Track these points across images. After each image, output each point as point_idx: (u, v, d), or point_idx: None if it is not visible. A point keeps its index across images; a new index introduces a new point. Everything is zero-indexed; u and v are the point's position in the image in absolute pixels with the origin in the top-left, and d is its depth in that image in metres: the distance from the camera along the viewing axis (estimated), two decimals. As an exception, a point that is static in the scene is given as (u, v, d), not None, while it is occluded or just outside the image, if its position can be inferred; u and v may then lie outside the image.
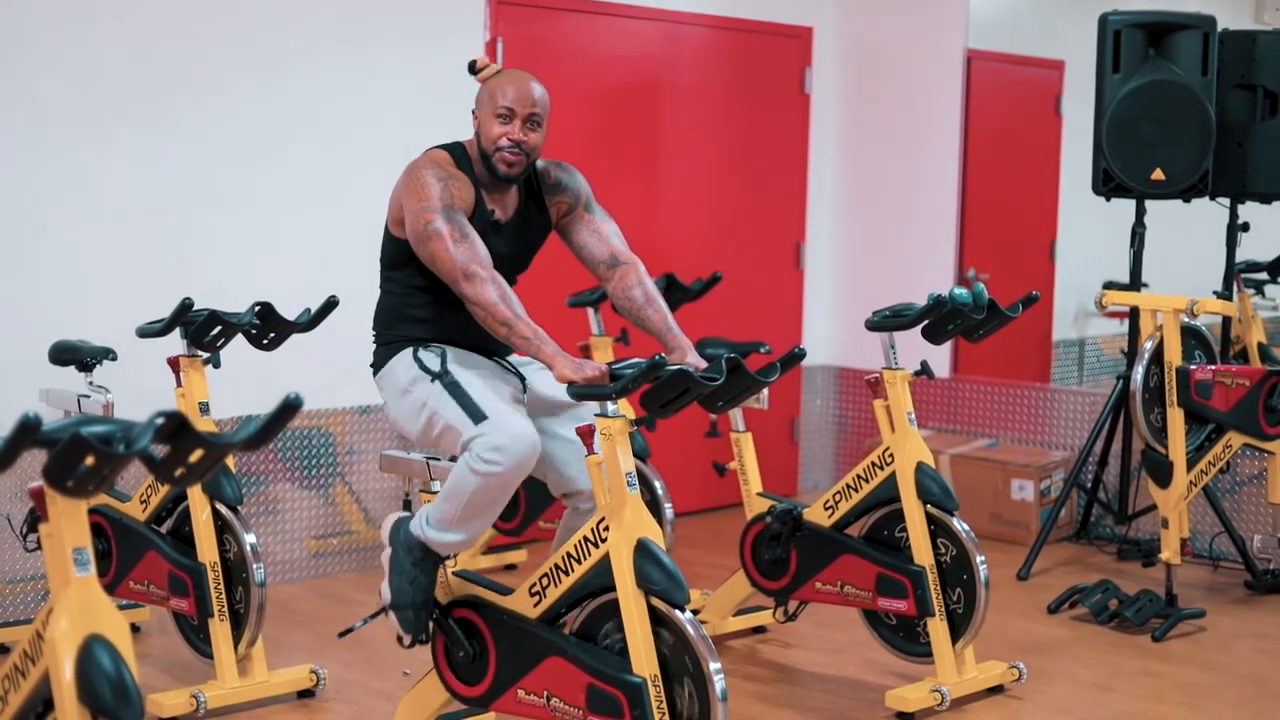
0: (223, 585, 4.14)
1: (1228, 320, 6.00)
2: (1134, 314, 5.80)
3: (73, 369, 4.46)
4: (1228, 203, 5.78)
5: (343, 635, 4.06)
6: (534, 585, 3.50)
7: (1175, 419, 5.03)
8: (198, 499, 4.14)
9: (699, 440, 5.17)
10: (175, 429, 2.17)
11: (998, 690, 4.39)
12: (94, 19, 4.87)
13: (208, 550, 4.13)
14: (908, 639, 4.39)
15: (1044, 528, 5.81)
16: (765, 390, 4.05)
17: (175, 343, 4.26)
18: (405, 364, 3.59)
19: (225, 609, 4.13)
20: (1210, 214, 5.85)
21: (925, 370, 4.33)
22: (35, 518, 2.26)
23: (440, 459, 3.71)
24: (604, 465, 3.34)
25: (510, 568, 5.69)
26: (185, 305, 4.17)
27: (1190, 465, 5.05)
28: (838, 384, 7.18)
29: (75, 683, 2.19)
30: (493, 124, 3.55)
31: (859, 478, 4.39)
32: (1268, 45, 5.60)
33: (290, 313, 4.36)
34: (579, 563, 3.40)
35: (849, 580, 4.37)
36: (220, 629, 4.12)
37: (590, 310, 5.42)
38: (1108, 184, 5.69)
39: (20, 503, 4.67)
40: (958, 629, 4.24)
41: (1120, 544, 5.99)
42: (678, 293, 5.40)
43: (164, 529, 4.33)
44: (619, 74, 6.27)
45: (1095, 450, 5.90)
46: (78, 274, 4.90)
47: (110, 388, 4.39)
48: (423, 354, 3.58)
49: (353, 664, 4.54)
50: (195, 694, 4.05)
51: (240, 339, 4.31)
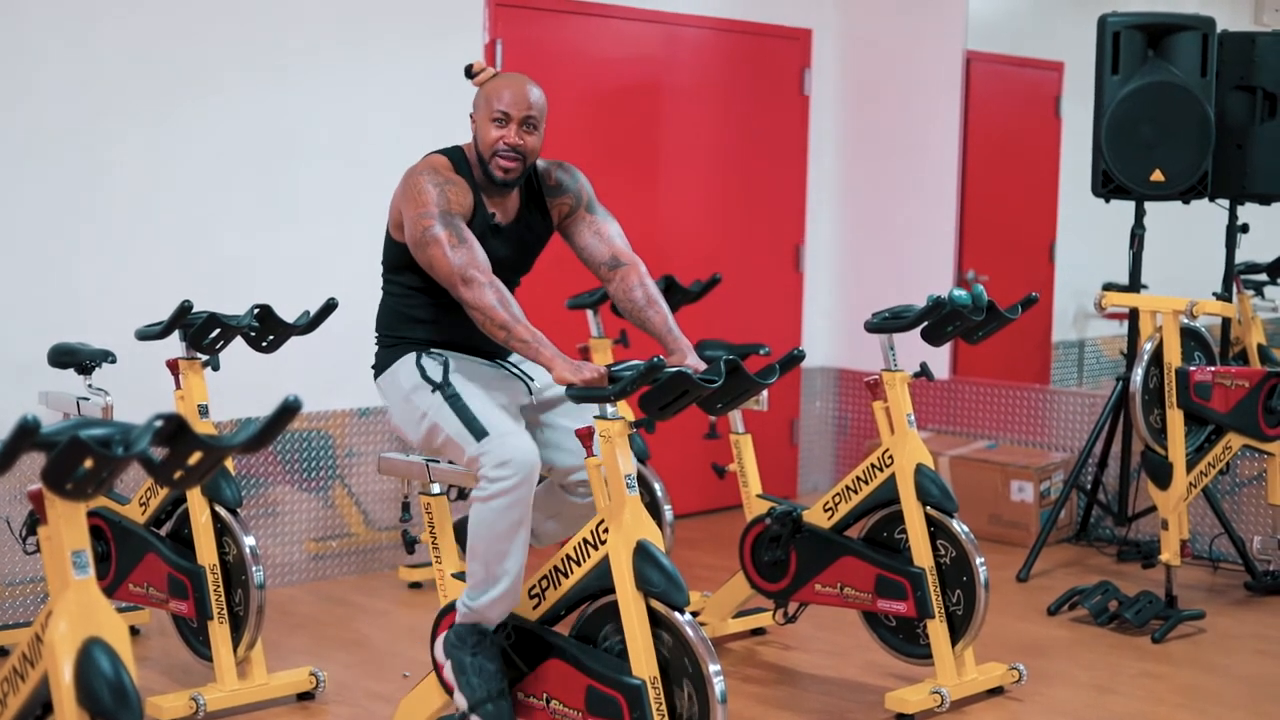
0: (222, 588, 4.13)
1: (1227, 322, 6.00)
2: (1133, 315, 5.80)
3: (72, 371, 4.45)
4: (1227, 204, 5.78)
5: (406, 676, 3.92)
6: (533, 588, 3.50)
7: (1175, 420, 5.03)
8: (197, 501, 4.14)
9: (698, 442, 5.17)
10: (174, 431, 2.17)
11: (997, 692, 4.39)
12: (93, 21, 4.87)
13: (207, 553, 4.13)
14: (907, 641, 4.39)
15: (1044, 529, 5.81)
16: (765, 392, 4.05)
17: (174, 345, 4.26)
18: (408, 370, 3.58)
19: (225, 611, 4.13)
20: (1209, 215, 5.85)
21: (925, 372, 4.33)
22: (34, 520, 2.26)
23: (440, 461, 3.71)
24: (603, 467, 3.34)
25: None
26: (184, 308, 4.16)
27: (1190, 467, 5.05)
28: (837, 386, 7.18)
29: (74, 685, 2.19)
30: (489, 128, 3.54)
31: (858, 479, 4.38)
32: (1267, 46, 5.60)
33: (289, 315, 4.35)
34: (578, 565, 3.40)
35: (849, 582, 4.37)
36: (220, 631, 4.12)
37: (589, 312, 5.42)
38: (1107, 185, 5.69)
39: (19, 505, 4.67)
40: (957, 631, 4.24)
41: (1120, 545, 5.99)
42: (677, 294, 5.40)
43: (163, 531, 4.33)
44: (618, 76, 6.27)
45: (1095, 452, 5.90)
46: (77, 276, 4.90)
47: (109, 390, 4.38)
48: (425, 361, 3.57)
49: (352, 666, 4.54)
50: (195, 697, 4.05)
51: (239, 341, 4.31)
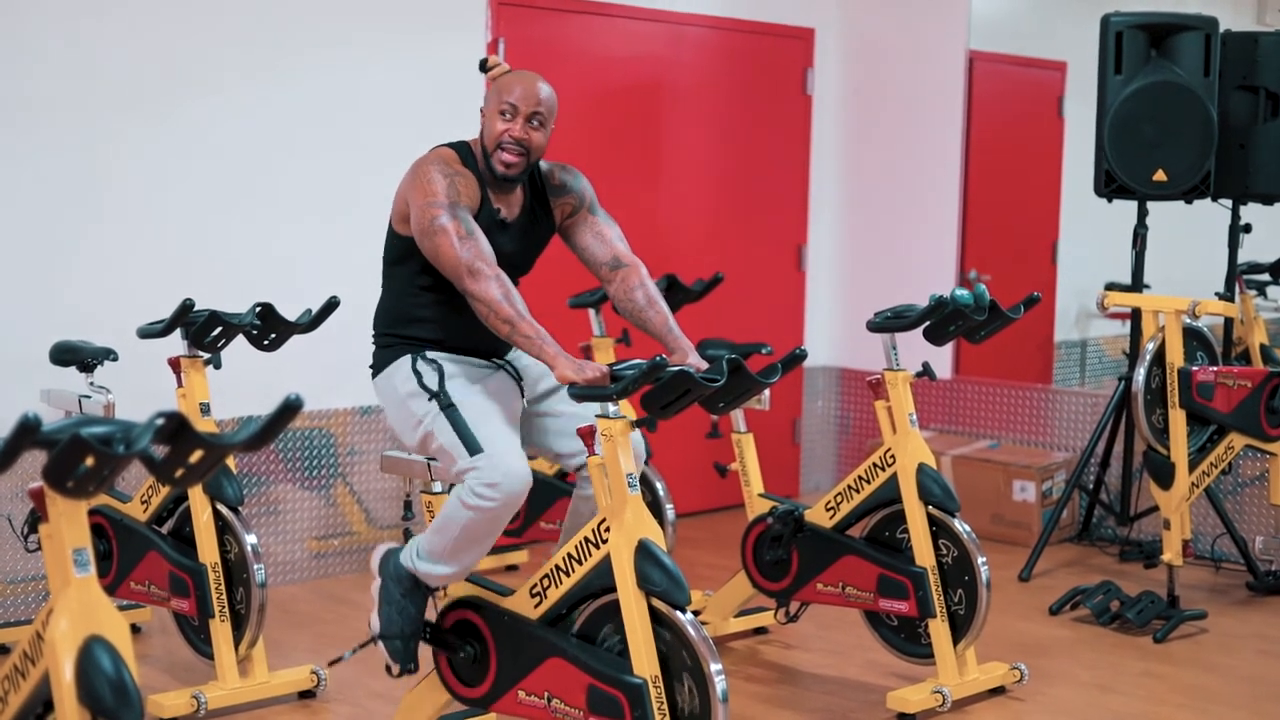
0: (223, 586, 4.14)
1: (1230, 321, 5.99)
2: (1136, 315, 5.80)
3: (74, 369, 4.46)
4: (1230, 204, 5.77)
5: (332, 664, 4.03)
6: (535, 586, 3.50)
7: (1177, 420, 5.03)
8: (199, 500, 4.14)
9: (700, 441, 5.17)
10: (175, 429, 2.17)
11: (999, 691, 4.38)
12: (93, 19, 4.87)
13: (209, 551, 4.13)
14: (909, 640, 4.38)
15: (1046, 529, 5.81)
16: (767, 391, 4.05)
17: (176, 343, 4.26)
18: (404, 375, 3.57)
19: (226, 610, 4.13)
20: (1212, 215, 5.85)
21: (927, 371, 4.32)
22: (36, 518, 2.25)
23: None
24: (605, 466, 3.34)
25: (511, 568, 5.68)
26: (186, 306, 4.16)
27: (1192, 467, 5.05)
28: (839, 385, 7.18)
29: (75, 683, 2.19)
30: (495, 120, 3.54)
31: (860, 479, 4.38)
32: (1269, 46, 5.59)
33: (291, 313, 4.36)
34: (580, 564, 3.39)
35: (850, 581, 4.37)
36: (221, 630, 4.12)
37: (591, 311, 5.42)
38: (1110, 185, 5.69)
39: (21, 503, 4.67)
40: (959, 630, 4.23)
41: (1122, 545, 5.98)
42: (679, 294, 5.39)
43: (165, 529, 4.33)
44: (621, 75, 6.27)
45: (1097, 451, 5.90)
46: (79, 274, 4.90)
47: (111, 388, 4.39)
48: (421, 366, 3.55)
49: (353, 665, 4.53)
50: (196, 695, 4.05)
51: (241, 340, 4.31)
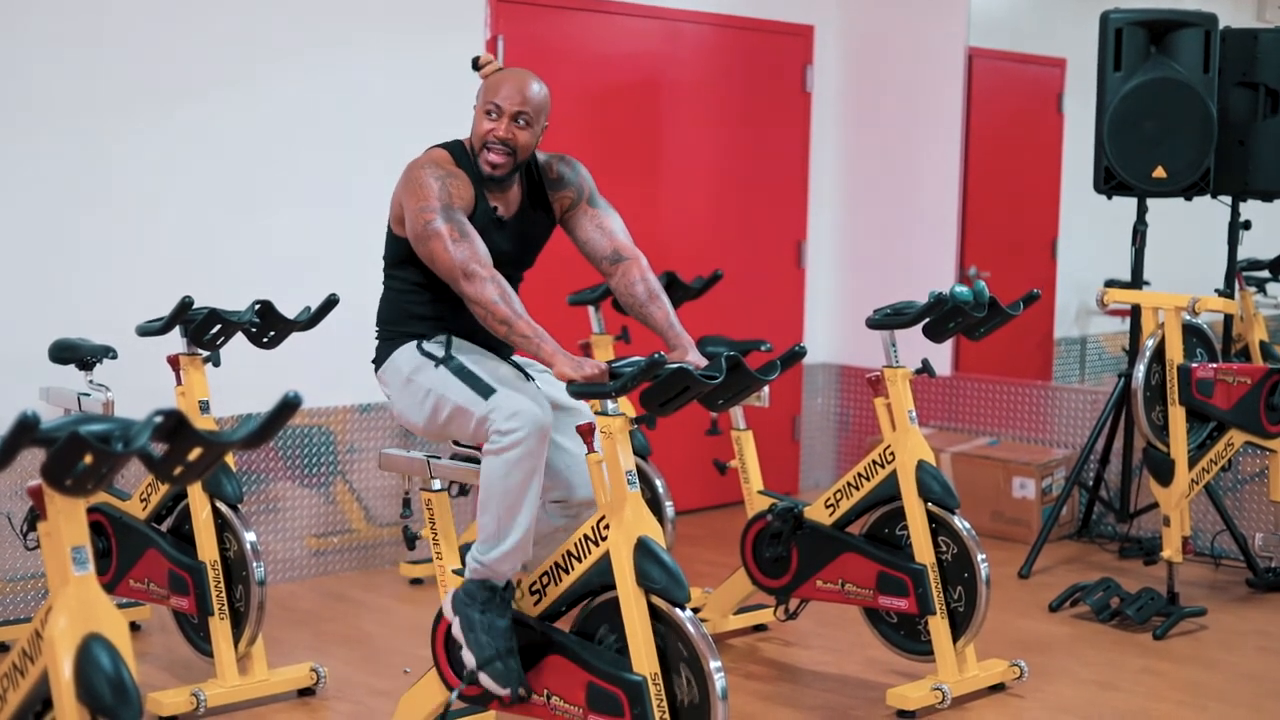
0: (223, 583, 4.13)
1: (1229, 318, 5.99)
2: (1135, 312, 5.79)
3: (73, 367, 4.45)
4: (1229, 200, 5.77)
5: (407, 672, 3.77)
6: (534, 584, 3.50)
7: (1177, 417, 5.03)
8: (198, 497, 4.14)
9: (700, 438, 5.16)
10: (174, 427, 2.17)
11: (999, 688, 4.38)
12: (94, 18, 4.86)
13: (208, 548, 4.13)
14: (909, 637, 4.38)
15: (1045, 526, 5.80)
16: (766, 388, 4.05)
17: (175, 341, 4.26)
18: (408, 354, 3.58)
19: (225, 607, 4.13)
20: (1212, 212, 5.84)
21: (926, 368, 4.32)
22: (35, 516, 2.25)
23: (441, 457, 3.71)
24: (604, 463, 3.33)
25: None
26: (185, 303, 4.16)
27: (1192, 463, 5.05)
28: (839, 382, 7.17)
29: (74, 681, 2.19)
30: (481, 120, 3.54)
31: (860, 476, 4.38)
32: (1269, 43, 5.59)
33: (290, 311, 4.35)
34: (579, 561, 3.39)
35: (850, 578, 4.37)
36: (220, 627, 4.12)
37: (590, 308, 5.42)
38: (1109, 182, 5.68)
39: (20, 501, 4.67)
40: (959, 627, 4.23)
41: (1122, 542, 5.98)
42: (678, 291, 5.39)
43: (164, 527, 4.33)
44: (620, 72, 6.27)
45: (1097, 448, 5.90)
46: (78, 272, 4.90)
47: (110, 386, 4.39)
48: (426, 345, 3.58)
49: (353, 662, 4.54)
50: (195, 692, 4.05)
51: (240, 337, 4.31)
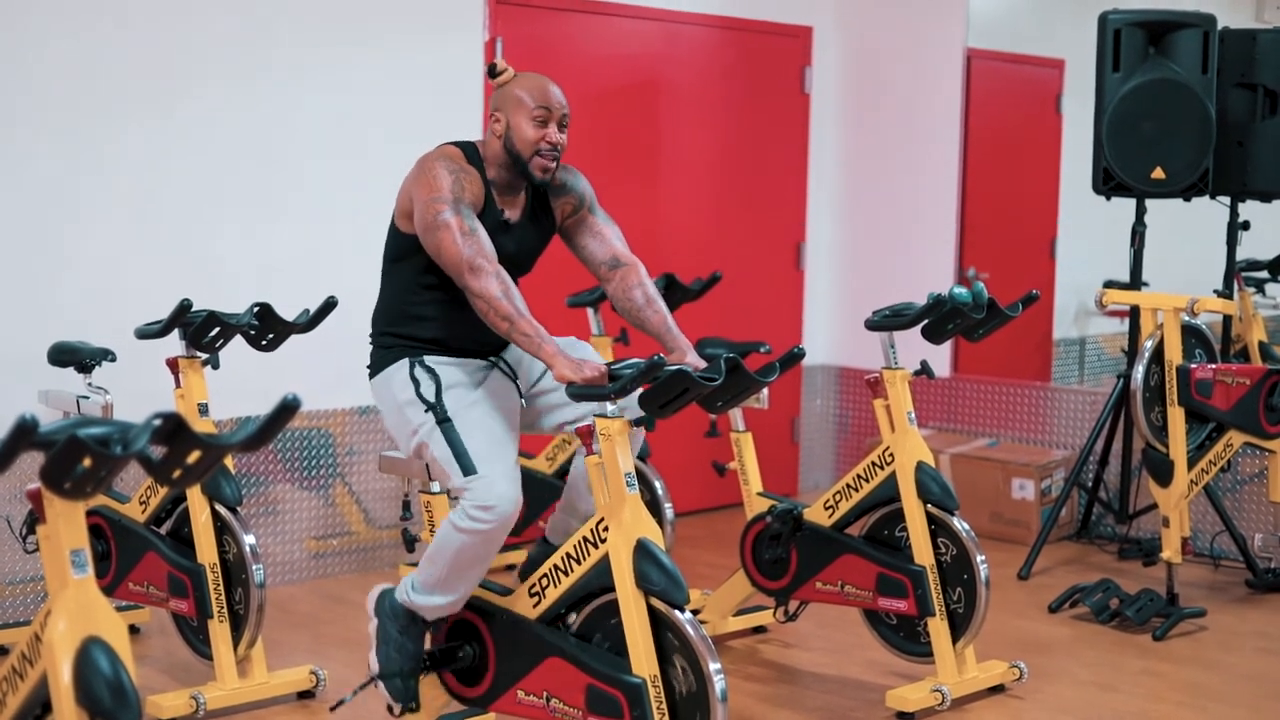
0: (222, 586, 4.13)
1: (1228, 319, 5.99)
2: (1134, 313, 5.79)
3: (72, 370, 4.45)
4: (1228, 201, 5.77)
5: (334, 709, 3.85)
6: (533, 586, 3.50)
7: (1176, 418, 5.03)
8: (197, 500, 4.14)
9: (699, 440, 5.17)
10: (173, 430, 2.17)
11: (999, 690, 4.38)
12: (92, 18, 4.86)
13: (207, 551, 4.13)
14: (908, 639, 4.38)
15: (1045, 527, 5.80)
16: (765, 390, 4.04)
17: (174, 344, 4.26)
18: (401, 381, 3.55)
19: (225, 610, 4.13)
20: (1211, 212, 5.84)
21: (925, 370, 4.32)
22: (34, 519, 2.25)
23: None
24: (603, 465, 3.33)
25: (510, 568, 5.68)
26: (184, 306, 4.16)
27: (1191, 464, 5.05)
28: (838, 384, 7.17)
29: (73, 685, 2.19)
30: (528, 127, 3.54)
31: (859, 477, 4.38)
32: (1268, 44, 5.59)
33: (289, 314, 4.35)
34: (578, 563, 3.39)
35: (849, 580, 4.37)
36: (220, 630, 4.12)
37: (590, 310, 5.42)
38: (1108, 183, 5.68)
39: (19, 504, 4.66)
40: (958, 629, 4.23)
41: (1121, 543, 5.98)
42: (677, 293, 5.39)
43: (163, 530, 4.33)
44: (619, 74, 6.27)
45: (1096, 449, 5.90)
46: (76, 275, 4.90)
47: (109, 389, 4.38)
48: (419, 373, 3.53)
49: (353, 665, 4.53)
50: (195, 695, 4.05)
51: (239, 340, 4.30)
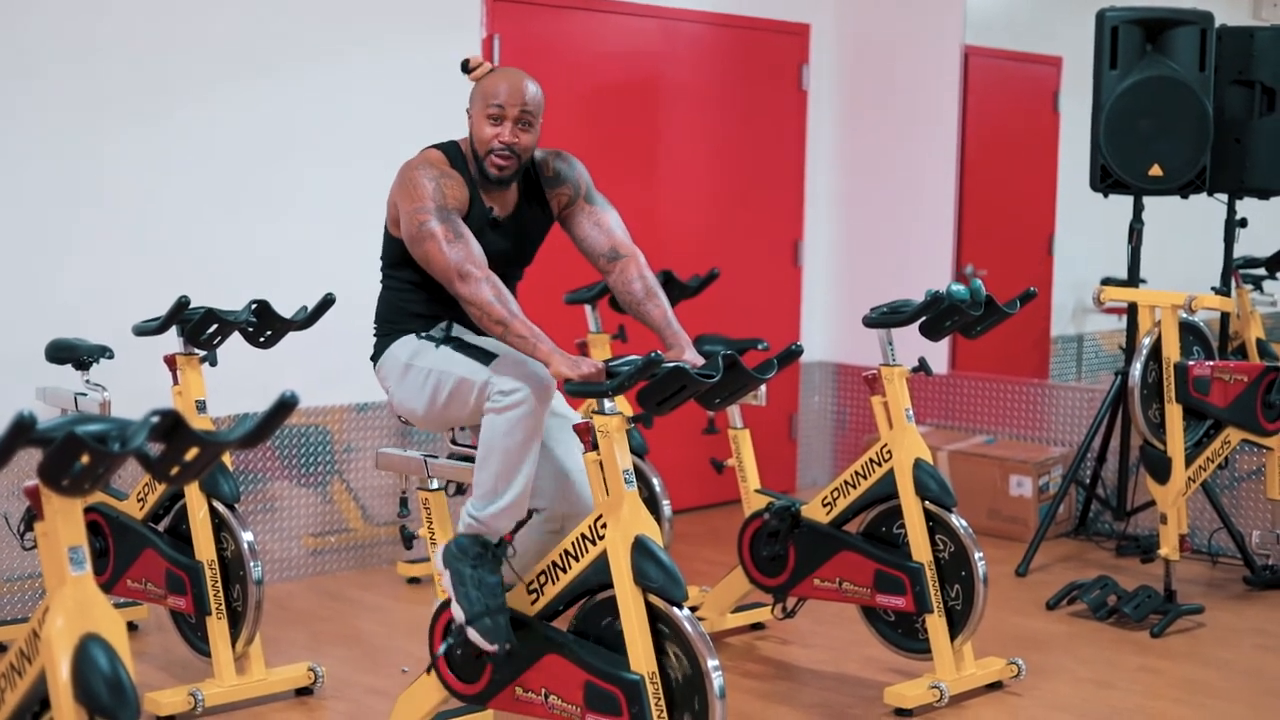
0: (220, 583, 4.13)
1: (1226, 316, 5.99)
2: (1132, 310, 5.79)
3: (69, 367, 4.45)
4: (1225, 198, 5.77)
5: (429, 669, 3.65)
6: (532, 582, 3.50)
7: (1174, 415, 5.03)
8: (195, 497, 4.13)
9: (697, 437, 5.16)
10: (170, 427, 2.17)
11: (996, 687, 4.38)
12: (91, 17, 4.86)
13: (205, 548, 4.12)
14: (906, 635, 4.38)
15: (1042, 524, 5.81)
16: (763, 387, 4.05)
17: (172, 341, 4.26)
18: (407, 342, 3.60)
19: (223, 607, 4.13)
20: (1208, 210, 5.85)
21: (923, 367, 4.33)
22: (32, 516, 2.25)
23: (438, 456, 3.70)
24: (601, 462, 3.33)
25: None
26: (182, 303, 4.16)
27: (1189, 461, 5.05)
28: (836, 381, 7.17)
29: (71, 682, 2.19)
30: (484, 125, 3.54)
31: (857, 474, 4.38)
32: (1265, 41, 5.59)
33: (287, 310, 4.35)
34: (577, 560, 3.39)
35: (847, 577, 4.37)
36: (218, 627, 4.12)
37: (587, 307, 5.41)
38: (1105, 180, 5.68)
39: (17, 501, 4.66)
40: (956, 625, 4.23)
41: (1119, 540, 5.98)
42: (675, 289, 5.38)
43: (161, 527, 4.33)
44: (616, 71, 6.26)
45: (1094, 446, 5.90)
46: (74, 272, 4.89)
47: (107, 386, 4.39)
48: (424, 335, 3.60)
49: (350, 662, 4.54)
50: (193, 692, 4.05)
51: (237, 337, 4.30)
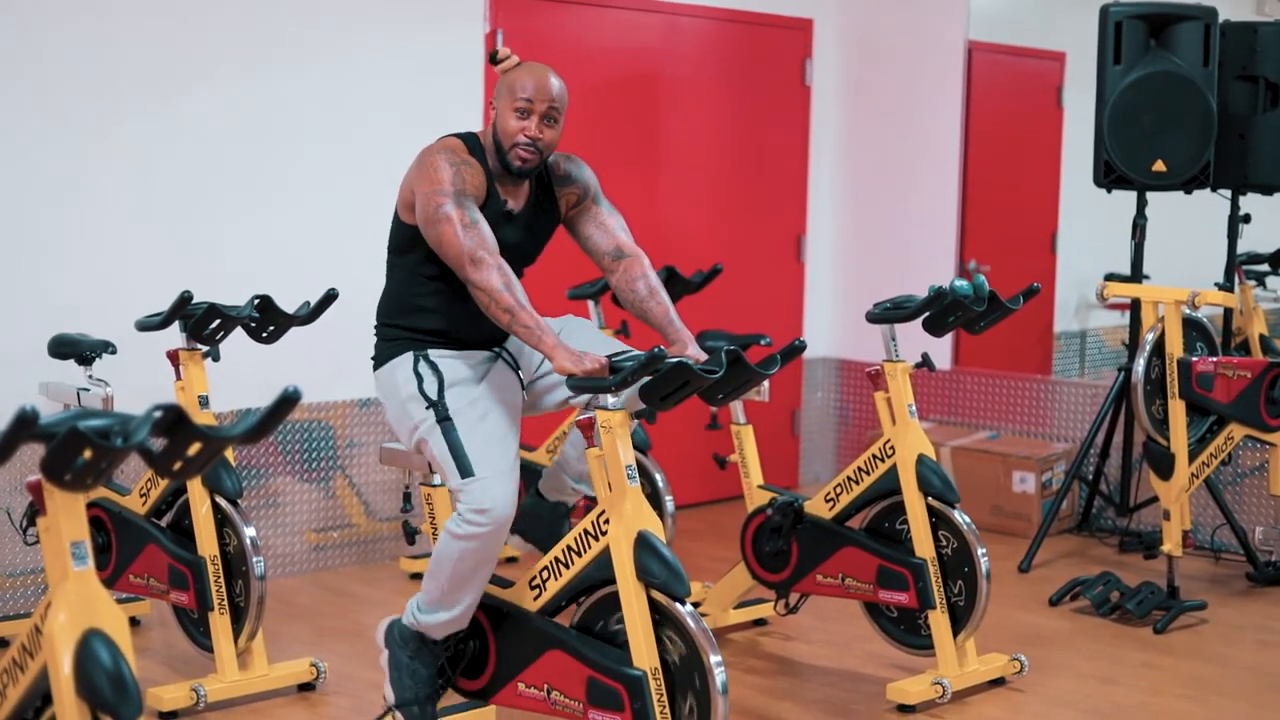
0: (223, 579, 4.13)
1: (1229, 312, 5.99)
2: (1135, 306, 5.79)
3: (72, 362, 4.45)
4: (1229, 194, 5.77)
5: None
6: (534, 578, 3.50)
7: (1177, 411, 5.02)
8: (197, 492, 4.13)
9: (700, 433, 5.16)
10: (173, 422, 2.16)
11: (999, 683, 4.38)
12: (91, 10, 4.86)
13: (207, 544, 4.13)
14: (909, 631, 4.38)
15: (1045, 520, 5.80)
16: (766, 383, 4.04)
17: (175, 336, 4.26)
18: (405, 375, 3.56)
19: (225, 602, 4.13)
20: (1212, 206, 5.84)
21: (926, 362, 4.32)
22: (34, 511, 2.25)
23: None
24: (604, 458, 3.33)
25: (511, 560, 5.68)
26: (184, 298, 4.16)
27: (1192, 457, 5.05)
28: (839, 376, 7.17)
29: (73, 677, 2.19)
30: (510, 118, 3.53)
31: (860, 470, 4.38)
32: (1269, 36, 5.59)
33: (289, 306, 4.35)
34: (579, 556, 3.39)
35: (850, 573, 4.37)
36: (220, 622, 4.12)
37: (590, 303, 5.41)
38: (1109, 175, 5.68)
39: (20, 496, 4.67)
40: (959, 621, 4.23)
41: (1122, 536, 5.98)
42: (678, 285, 5.38)
43: (164, 522, 4.33)
44: (619, 66, 6.26)
45: (1097, 442, 5.90)
46: (77, 267, 4.89)
47: (110, 381, 4.39)
48: (423, 369, 3.54)
49: (353, 657, 4.54)
50: (195, 687, 4.05)
51: (240, 332, 4.30)
